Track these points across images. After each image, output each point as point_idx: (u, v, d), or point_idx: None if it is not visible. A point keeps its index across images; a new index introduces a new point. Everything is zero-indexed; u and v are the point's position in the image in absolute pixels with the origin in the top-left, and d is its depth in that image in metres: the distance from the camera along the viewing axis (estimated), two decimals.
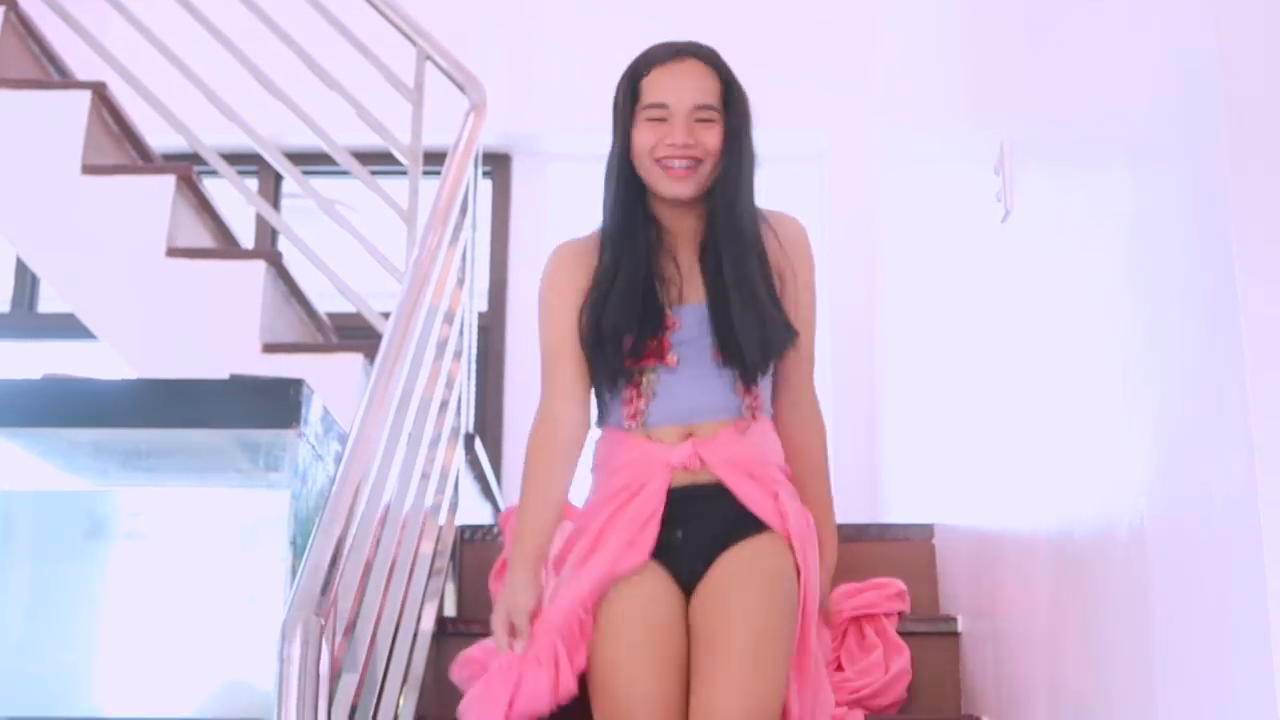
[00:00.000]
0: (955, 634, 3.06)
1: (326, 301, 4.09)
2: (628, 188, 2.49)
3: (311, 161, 4.11)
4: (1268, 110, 1.43)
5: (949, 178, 3.22)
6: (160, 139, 4.12)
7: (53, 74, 4.03)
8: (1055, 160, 2.24)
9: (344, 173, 3.82)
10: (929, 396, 3.58)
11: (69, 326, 4.11)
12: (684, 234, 2.52)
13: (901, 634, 3.08)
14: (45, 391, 3.20)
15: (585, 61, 5.10)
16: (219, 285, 3.57)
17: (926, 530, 3.42)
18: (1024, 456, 2.45)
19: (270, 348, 3.51)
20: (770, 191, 5.00)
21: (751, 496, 2.40)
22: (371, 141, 3.79)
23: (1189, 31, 1.57)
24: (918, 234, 3.76)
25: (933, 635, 3.07)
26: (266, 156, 3.76)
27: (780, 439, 2.52)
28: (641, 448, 2.44)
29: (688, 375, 2.45)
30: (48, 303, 4.80)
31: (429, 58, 3.79)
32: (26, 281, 4.87)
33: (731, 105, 2.45)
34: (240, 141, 3.80)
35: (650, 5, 5.08)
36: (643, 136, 2.42)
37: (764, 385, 2.51)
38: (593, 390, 2.53)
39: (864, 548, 3.43)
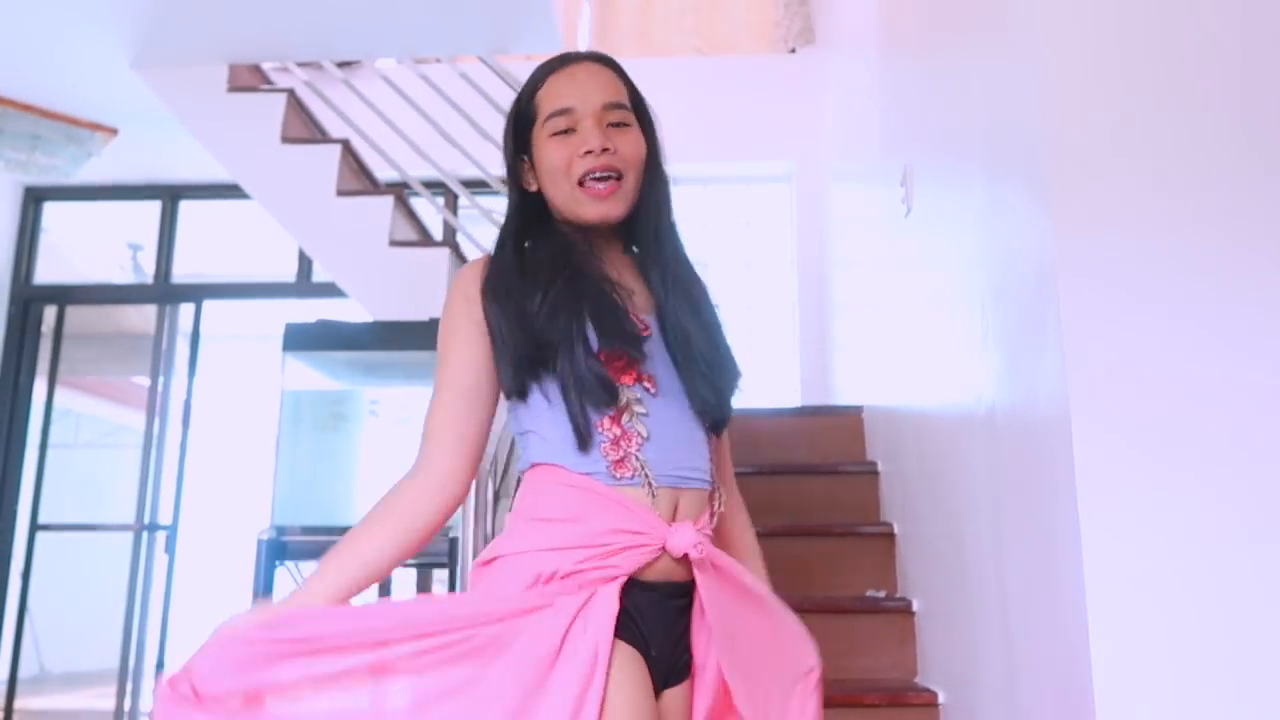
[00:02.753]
0: (876, 473, 3.06)
1: None
2: (528, 217, 1.35)
3: (477, 186, 4.11)
4: (1074, 142, 1.41)
5: (871, 189, 3.18)
6: (383, 173, 4.14)
7: (316, 134, 4.05)
8: (939, 176, 2.22)
9: (497, 192, 3.82)
10: (860, 327, 3.57)
11: (332, 290, 4.16)
12: (609, 256, 1.34)
13: (843, 474, 3.09)
14: (320, 329, 3.25)
15: None
16: (421, 263, 3.60)
17: (858, 409, 3.42)
18: (919, 363, 2.44)
19: None
20: (753, 205, 5.03)
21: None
22: None
23: (1022, 89, 1.54)
24: (854, 225, 3.73)
25: (861, 474, 3.08)
26: (449, 183, 3.76)
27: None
28: (640, 514, 1.19)
29: (671, 415, 1.26)
30: (318, 276, 4.86)
31: None
32: (305, 262, 4.93)
33: (641, 114, 1.38)
34: (432, 174, 3.82)
35: (665, 68, 5.01)
36: (551, 155, 1.30)
37: None
38: (533, 422, 1.25)
39: (820, 420, 3.44)
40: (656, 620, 1.20)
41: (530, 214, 1.35)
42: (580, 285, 1.25)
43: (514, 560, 1.21)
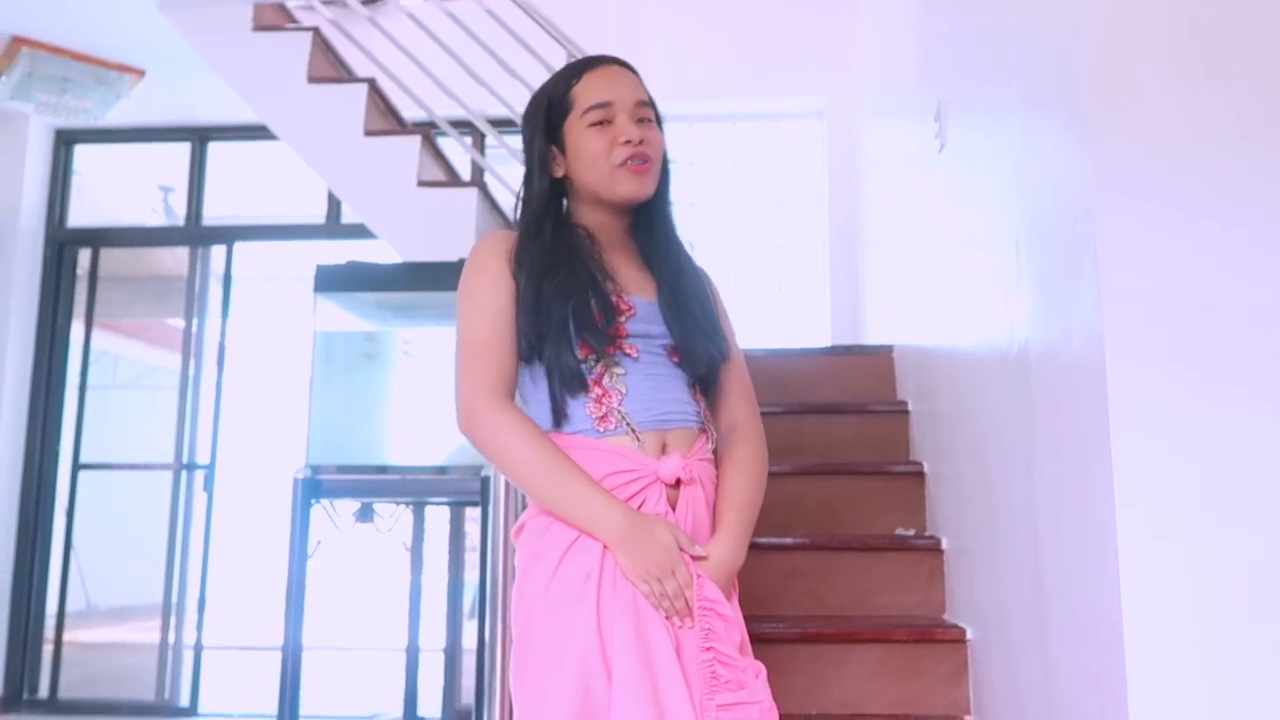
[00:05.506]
0: (906, 412, 3.06)
1: (515, 213, 4.09)
2: (554, 201, 1.57)
3: (504, 125, 4.08)
4: (1116, 71, 1.37)
5: (905, 124, 3.13)
6: (410, 113, 4.11)
7: (342, 74, 4.03)
8: (973, 110, 2.17)
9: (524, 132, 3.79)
10: (892, 266, 3.53)
11: (361, 231, 4.17)
12: (613, 243, 1.57)
13: (873, 413, 3.08)
14: (350, 271, 3.27)
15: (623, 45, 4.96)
16: (449, 204, 3.59)
17: (888, 349, 3.40)
18: (950, 302, 2.42)
19: None
20: (784, 142, 4.96)
21: (704, 536, 1.47)
22: None
23: (1060, 19, 1.50)
24: (886, 162, 3.68)
25: (892, 414, 3.07)
26: (476, 122, 3.74)
27: (717, 450, 1.57)
28: (628, 456, 1.44)
29: (650, 372, 1.49)
30: (347, 217, 4.87)
31: (571, 56, 3.73)
32: (334, 204, 4.94)
33: (656, 114, 1.58)
34: (459, 113, 3.79)
35: (693, 3, 4.90)
36: (590, 142, 1.51)
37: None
38: (540, 394, 1.49)
39: (850, 360, 3.43)
40: None
41: (557, 201, 1.57)
42: (575, 279, 1.47)
43: (535, 521, 1.46)
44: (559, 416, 1.47)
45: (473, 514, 3.77)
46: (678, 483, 1.45)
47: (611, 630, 1.36)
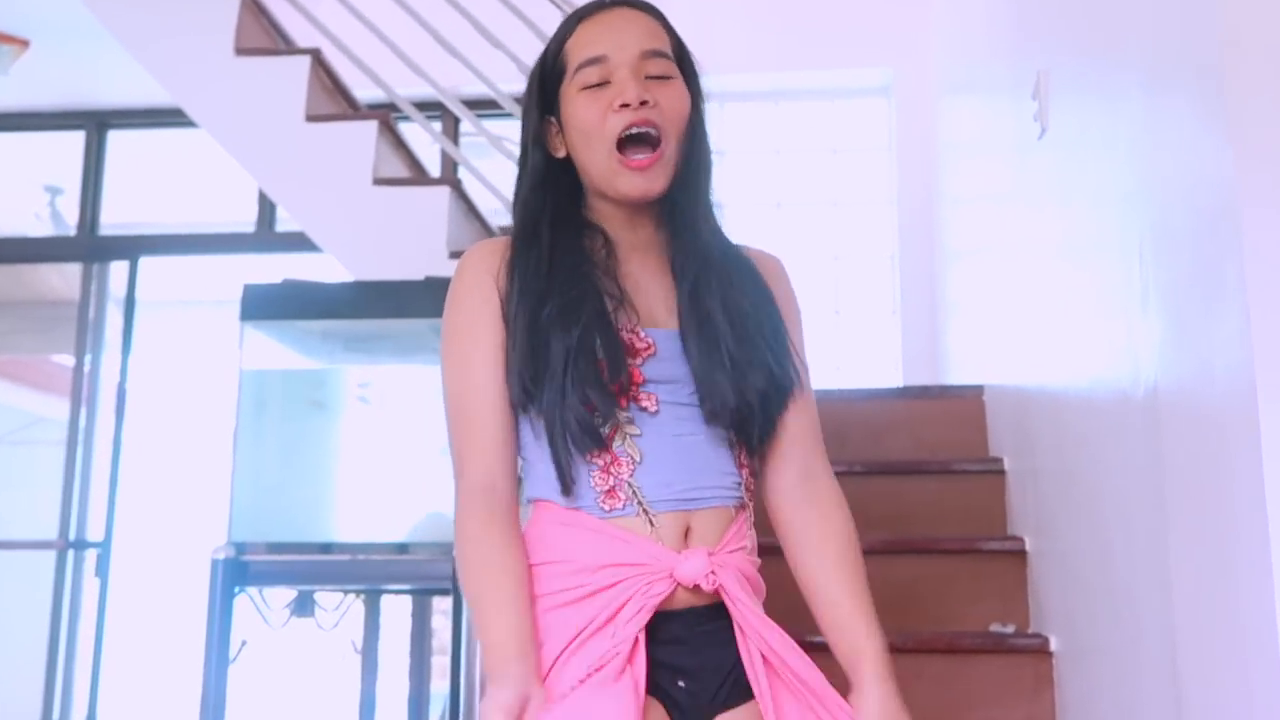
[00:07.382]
0: (1002, 472, 3.04)
1: (497, 218, 4.14)
2: (555, 190, 1.50)
3: (483, 107, 4.13)
4: (1259, 38, 1.39)
5: (995, 103, 3.15)
6: (364, 92, 4.17)
7: (279, 43, 4.08)
8: (1083, 86, 2.19)
9: (509, 115, 3.83)
10: (980, 283, 3.54)
11: (300, 242, 4.21)
12: (638, 245, 1.50)
13: (959, 473, 3.09)
14: (285, 292, 3.29)
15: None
16: (414, 206, 3.62)
17: (978, 390, 3.40)
18: (1057, 330, 2.42)
19: (456, 255, 3.55)
20: (841, 126, 5.00)
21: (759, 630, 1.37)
22: None
23: None
24: (970, 150, 3.70)
25: (984, 473, 3.07)
26: (447, 103, 3.79)
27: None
28: (635, 543, 1.36)
29: (674, 431, 1.41)
30: (283, 224, 4.91)
31: None
32: (267, 207, 4.98)
33: (686, 67, 1.49)
34: (426, 92, 3.83)
35: None
36: (581, 111, 1.42)
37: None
38: (523, 454, 1.45)
39: (928, 404, 3.44)
40: (685, 650, 1.37)
41: (560, 189, 1.49)
42: (577, 309, 1.38)
43: None
44: (568, 485, 1.38)
45: (442, 605, 3.76)
46: (695, 587, 1.36)
47: None
